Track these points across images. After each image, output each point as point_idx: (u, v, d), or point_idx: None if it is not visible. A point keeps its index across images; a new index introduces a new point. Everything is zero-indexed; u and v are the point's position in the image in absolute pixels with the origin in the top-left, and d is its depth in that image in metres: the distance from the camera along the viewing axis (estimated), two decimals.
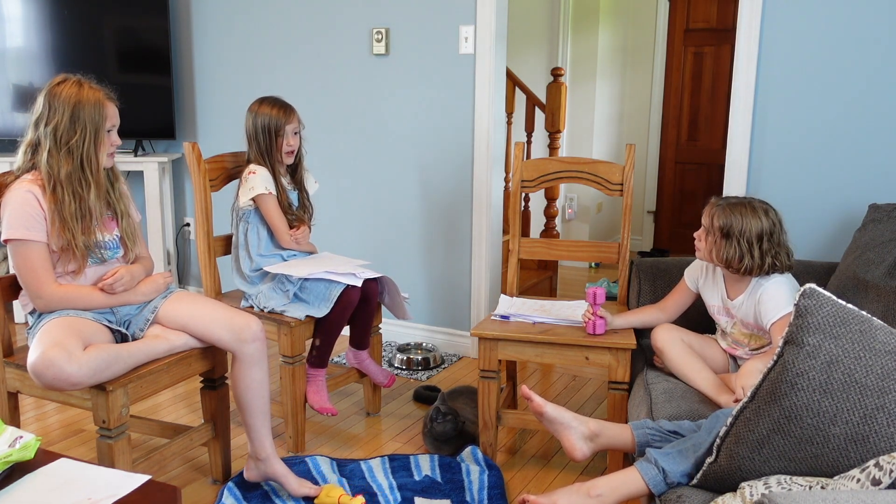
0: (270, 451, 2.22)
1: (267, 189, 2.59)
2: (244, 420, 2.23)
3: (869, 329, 1.34)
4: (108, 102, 2.09)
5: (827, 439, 1.35)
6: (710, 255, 2.13)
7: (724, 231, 2.06)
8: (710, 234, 2.11)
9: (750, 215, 2.06)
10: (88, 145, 2.04)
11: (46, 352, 1.86)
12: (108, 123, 2.08)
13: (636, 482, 1.65)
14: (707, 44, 5.41)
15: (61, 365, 1.84)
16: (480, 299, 3.47)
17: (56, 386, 1.87)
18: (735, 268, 2.08)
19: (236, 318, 2.16)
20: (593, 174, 2.68)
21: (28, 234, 1.99)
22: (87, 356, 1.89)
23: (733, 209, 2.07)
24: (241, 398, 2.21)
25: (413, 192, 3.56)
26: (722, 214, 2.07)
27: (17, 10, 3.81)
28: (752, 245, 2.04)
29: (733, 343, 2.22)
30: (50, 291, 2.02)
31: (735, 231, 2.05)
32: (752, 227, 2.04)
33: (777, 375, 1.37)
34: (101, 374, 1.91)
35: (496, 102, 3.34)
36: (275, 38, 3.81)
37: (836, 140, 2.71)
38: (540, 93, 4.53)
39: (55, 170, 2.02)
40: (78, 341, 1.92)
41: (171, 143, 4.19)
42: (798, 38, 2.72)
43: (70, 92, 2.03)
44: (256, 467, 2.24)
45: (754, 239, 2.04)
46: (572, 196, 5.51)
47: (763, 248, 2.05)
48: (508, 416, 2.48)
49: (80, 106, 2.02)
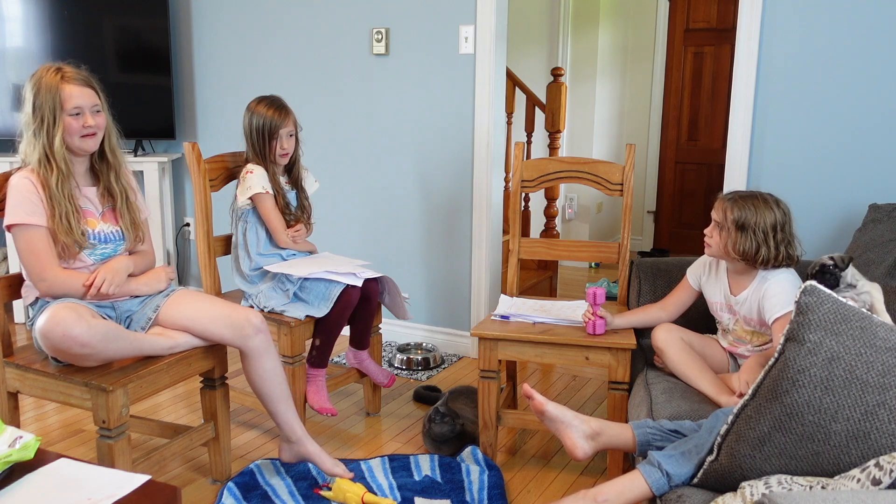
0: (301, 432, 2.26)
1: (264, 188, 2.59)
2: (268, 409, 2.26)
3: (869, 326, 1.34)
4: (67, 84, 2.04)
5: (828, 436, 1.35)
6: (724, 250, 2.13)
7: (738, 224, 2.07)
8: (723, 228, 2.12)
9: (763, 207, 2.08)
10: (47, 130, 2.03)
11: (57, 311, 1.89)
12: (69, 105, 2.03)
13: (640, 486, 1.65)
14: (707, 44, 5.41)
15: (70, 323, 1.86)
16: (480, 299, 3.47)
17: (63, 346, 1.88)
18: (751, 260, 2.08)
19: (235, 314, 2.17)
20: (593, 174, 2.68)
21: (29, 218, 2.01)
22: (96, 321, 1.92)
23: (745, 202, 2.09)
24: (259, 389, 2.23)
25: (413, 192, 3.56)
26: (735, 207, 2.09)
27: (17, 10, 3.81)
28: (767, 236, 2.06)
29: (735, 341, 2.22)
30: (53, 274, 2.03)
31: (750, 223, 2.06)
32: (767, 218, 2.06)
33: (778, 373, 1.37)
34: (108, 345, 1.93)
35: (496, 102, 3.34)
36: (275, 38, 3.81)
37: (836, 140, 2.71)
38: (540, 93, 4.53)
39: (28, 157, 2.06)
40: (86, 311, 1.95)
41: (171, 143, 4.19)
42: (798, 38, 2.72)
43: (35, 80, 2.05)
44: (290, 449, 2.29)
45: (769, 230, 2.06)
46: (572, 196, 5.51)
47: (777, 238, 2.07)
48: (508, 416, 2.48)
49: (38, 93, 2.04)
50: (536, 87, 4.71)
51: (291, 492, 2.27)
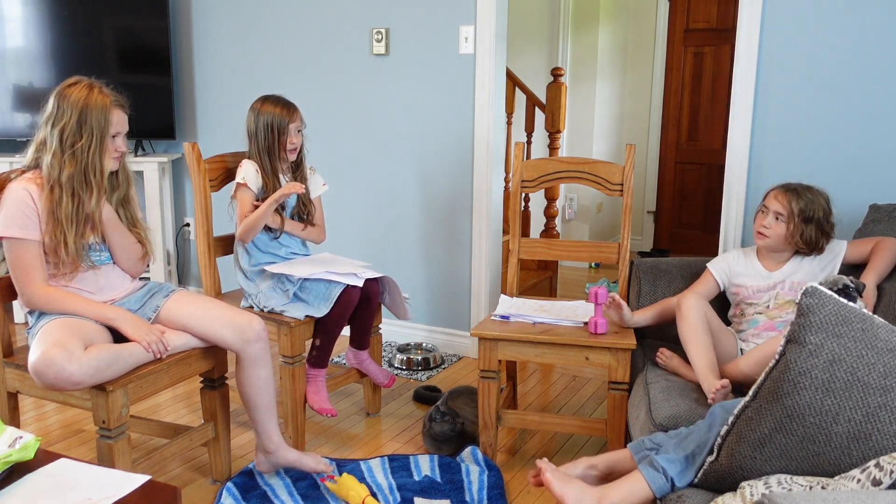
0: (278, 441, 2.26)
1: (244, 179, 2.58)
2: (250, 416, 2.25)
3: (871, 327, 1.34)
4: (115, 109, 2.07)
5: (829, 438, 1.35)
6: (787, 241, 2.23)
7: (804, 215, 2.19)
8: (786, 220, 2.21)
9: (818, 197, 2.22)
10: (93, 150, 2.03)
11: (47, 351, 1.86)
12: (113, 130, 2.07)
13: (643, 489, 1.66)
14: (707, 44, 5.41)
15: (62, 364, 1.84)
16: (480, 299, 3.47)
17: (57, 386, 1.87)
18: (817, 247, 2.22)
19: (238, 318, 2.17)
20: (593, 174, 2.68)
21: (21, 232, 2.00)
22: (87, 356, 1.89)
23: (804, 193, 2.22)
24: (247, 397, 2.22)
25: (413, 192, 3.56)
26: (799, 199, 2.20)
27: (17, 10, 3.81)
28: (823, 224, 2.21)
29: (767, 321, 2.23)
30: (33, 290, 2.03)
31: (814, 213, 2.19)
32: (824, 207, 2.22)
33: (779, 374, 1.37)
34: (102, 373, 1.91)
35: (496, 102, 3.34)
36: (275, 38, 3.80)
37: (836, 140, 2.71)
38: (540, 93, 4.52)
39: (56, 171, 2.02)
40: (79, 341, 1.92)
41: (171, 143, 4.19)
42: (798, 39, 2.72)
43: (79, 95, 2.03)
44: (267, 460, 2.29)
45: (823, 219, 2.21)
46: (572, 196, 5.51)
47: (827, 226, 2.22)
48: (508, 416, 2.48)
49: (87, 110, 2.02)
50: (536, 87, 4.71)
51: (290, 492, 2.27)
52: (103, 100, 2.05)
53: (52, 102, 2.05)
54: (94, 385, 1.93)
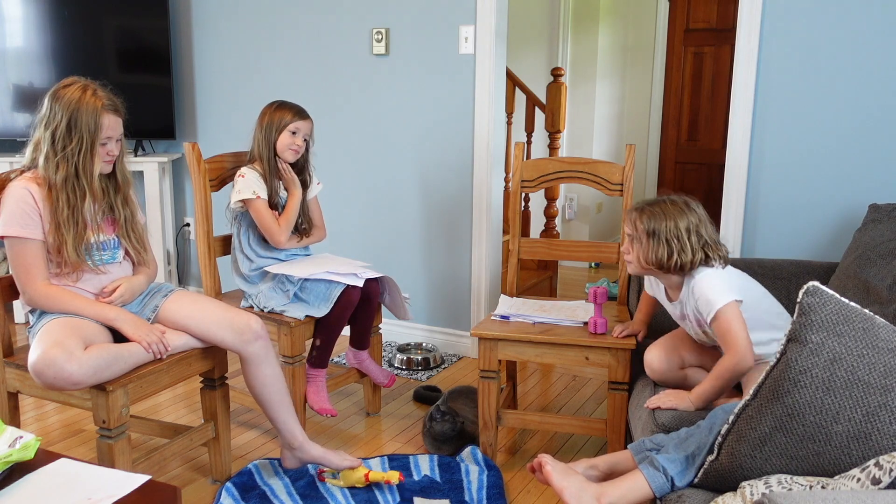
0: (302, 437, 2.26)
1: (254, 193, 2.58)
2: (268, 415, 2.25)
3: (872, 327, 1.34)
4: (106, 113, 2.04)
5: (829, 437, 1.35)
6: (642, 263, 2.06)
7: (650, 232, 2.01)
8: (635, 240, 2.06)
9: (673, 211, 2.01)
10: (84, 154, 2.02)
11: (47, 351, 1.86)
12: (104, 134, 2.04)
13: (643, 488, 1.66)
14: (707, 44, 5.40)
15: (62, 364, 1.84)
16: (480, 299, 3.47)
17: (57, 385, 1.87)
18: (667, 266, 2.01)
19: (237, 319, 2.17)
20: (593, 174, 2.68)
21: (22, 231, 2.00)
22: (87, 356, 1.89)
23: (653, 209, 2.03)
24: (259, 396, 2.23)
25: (413, 192, 3.56)
26: (644, 216, 2.03)
27: (17, 10, 3.81)
28: (681, 240, 1.98)
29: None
30: (34, 289, 2.03)
31: (661, 230, 1.99)
32: (679, 222, 1.99)
33: (780, 373, 1.37)
34: (102, 373, 1.91)
35: (496, 102, 3.34)
36: (275, 39, 3.80)
37: (836, 140, 2.71)
38: (540, 93, 4.52)
39: (51, 173, 2.02)
40: (78, 341, 1.92)
41: (171, 143, 4.19)
42: (798, 38, 2.72)
43: (72, 97, 2.01)
44: (293, 456, 2.29)
45: (682, 234, 1.99)
46: (572, 196, 5.51)
47: (692, 242, 1.99)
48: (508, 416, 2.48)
49: (77, 113, 2.01)
50: (536, 87, 4.71)
51: (290, 492, 2.27)
52: (95, 103, 2.02)
53: (45, 103, 2.04)
54: (93, 385, 1.92)
